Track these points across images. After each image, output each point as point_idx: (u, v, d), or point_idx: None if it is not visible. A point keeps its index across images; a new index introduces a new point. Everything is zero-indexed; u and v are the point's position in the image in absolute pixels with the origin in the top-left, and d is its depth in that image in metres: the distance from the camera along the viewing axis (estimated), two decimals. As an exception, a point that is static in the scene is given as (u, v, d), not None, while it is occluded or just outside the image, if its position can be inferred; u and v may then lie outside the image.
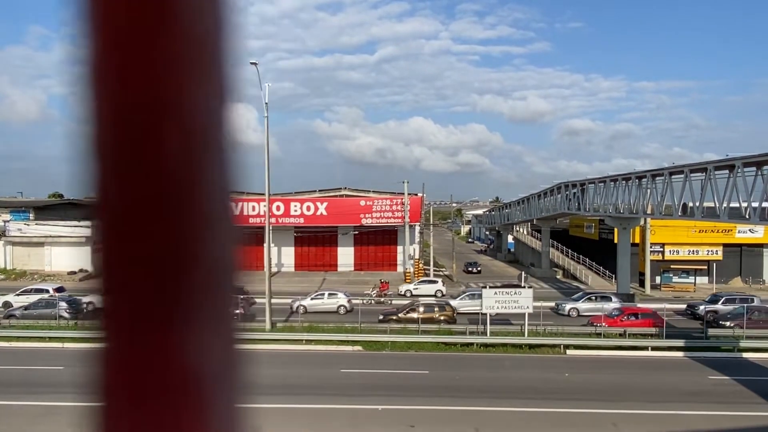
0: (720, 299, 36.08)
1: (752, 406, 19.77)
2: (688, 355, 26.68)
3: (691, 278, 49.83)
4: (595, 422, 18.19)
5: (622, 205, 39.74)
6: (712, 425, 18.20)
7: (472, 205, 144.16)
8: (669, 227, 48.66)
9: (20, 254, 54.63)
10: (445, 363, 25.35)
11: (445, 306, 32.88)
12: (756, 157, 25.87)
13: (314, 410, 19.05)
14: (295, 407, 19.21)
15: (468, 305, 35.90)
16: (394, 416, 18.48)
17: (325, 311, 34.30)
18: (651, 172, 35.84)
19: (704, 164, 30.08)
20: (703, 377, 23.46)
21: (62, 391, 20.15)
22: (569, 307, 36.38)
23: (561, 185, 51.28)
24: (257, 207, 53.65)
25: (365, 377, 23.09)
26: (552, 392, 21.30)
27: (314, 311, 34.04)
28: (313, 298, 36.68)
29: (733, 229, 49.27)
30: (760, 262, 51.91)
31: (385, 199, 53.93)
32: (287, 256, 58.33)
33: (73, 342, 27.45)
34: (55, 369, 22.44)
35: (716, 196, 28.93)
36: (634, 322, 30.20)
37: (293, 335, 28.73)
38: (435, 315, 31.80)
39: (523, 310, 28.57)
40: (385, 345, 27.67)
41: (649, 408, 19.47)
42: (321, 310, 34.93)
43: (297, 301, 36.80)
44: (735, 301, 35.65)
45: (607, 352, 27.22)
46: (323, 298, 36.59)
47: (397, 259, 57.92)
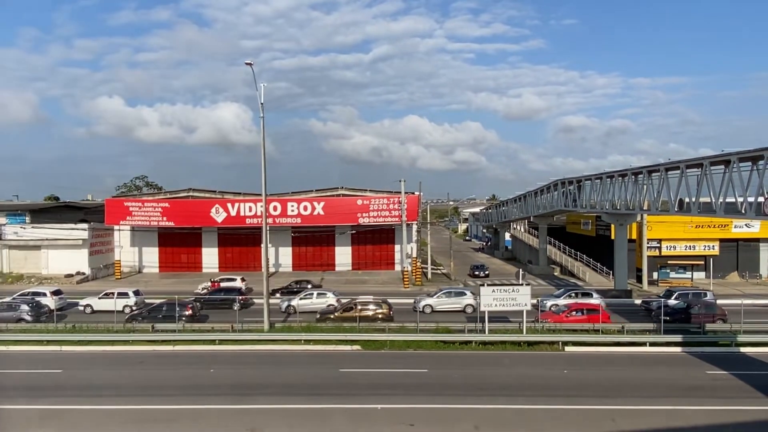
0: (673, 294, 36.31)
1: (750, 401, 19.86)
2: (686, 350, 26.75)
3: (689, 273, 49.98)
4: (593, 418, 18.23)
5: (619, 201, 39.79)
6: (710, 420, 18.26)
7: (469, 203, 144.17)
8: (665, 223, 48.77)
9: (17, 257, 54.47)
10: (444, 361, 25.38)
11: (382, 304, 32.94)
12: (751, 152, 25.94)
13: (314, 410, 19.05)
14: (295, 407, 19.22)
15: (444, 303, 36.11)
16: (394, 415, 18.50)
17: (314, 311, 34.28)
18: (647, 168, 35.89)
19: (700, 160, 30.11)
20: (701, 372, 23.53)
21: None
22: (550, 303, 36.52)
23: (557, 182, 51.34)
24: (254, 207, 53.67)
25: (364, 376, 23.10)
26: (551, 389, 21.35)
27: (303, 311, 33.95)
28: (302, 298, 36.65)
29: (729, 224, 49.45)
30: (757, 256, 52.07)
31: (382, 198, 53.91)
32: (285, 256, 58.32)
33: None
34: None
35: (712, 191, 28.98)
36: (579, 318, 30.40)
37: (292, 335, 28.69)
38: (371, 313, 31.98)
39: (521, 307, 28.61)
40: (383, 344, 27.66)
41: (648, 403, 19.54)
42: (310, 309, 34.83)
43: (285, 302, 36.79)
44: (688, 296, 35.97)
45: (606, 348, 27.26)
46: (312, 298, 36.57)
47: (394, 258, 57.97)
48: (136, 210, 54.74)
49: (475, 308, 36.28)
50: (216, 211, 54.17)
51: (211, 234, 57.76)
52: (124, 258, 55.47)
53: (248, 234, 55.20)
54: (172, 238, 57.58)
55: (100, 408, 19.30)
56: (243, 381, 22.41)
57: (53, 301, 35.57)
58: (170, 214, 54.54)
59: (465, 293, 37.93)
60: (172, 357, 26.56)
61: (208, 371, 23.79)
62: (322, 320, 31.58)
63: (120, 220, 55.02)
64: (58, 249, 53.77)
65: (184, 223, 54.93)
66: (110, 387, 21.71)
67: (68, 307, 36.53)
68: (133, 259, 57.45)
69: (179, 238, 57.46)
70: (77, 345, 27.96)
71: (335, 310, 32.89)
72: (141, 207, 54.98)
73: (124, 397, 20.29)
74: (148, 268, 58.06)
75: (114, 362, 25.66)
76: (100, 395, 20.63)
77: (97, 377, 23.31)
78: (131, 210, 54.74)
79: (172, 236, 57.42)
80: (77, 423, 18.10)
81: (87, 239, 54.11)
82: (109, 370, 24.45)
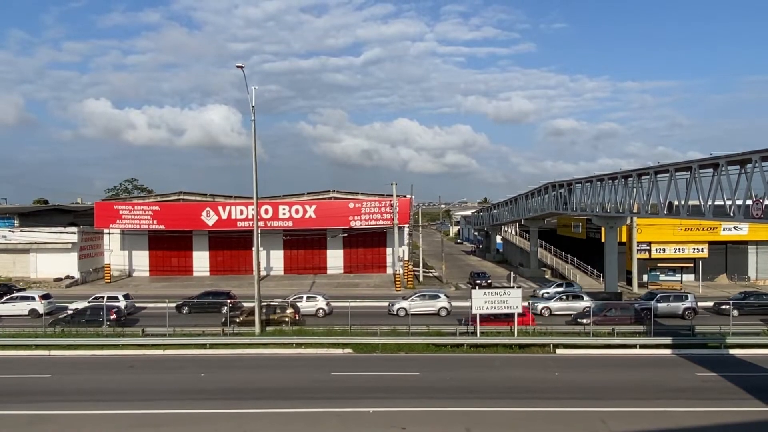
0: (655, 296, 36.44)
1: (739, 402, 20.01)
2: (676, 352, 26.92)
3: (678, 276, 50.33)
4: (584, 420, 18.29)
5: (609, 204, 40.03)
6: (700, 421, 18.39)
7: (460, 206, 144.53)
8: (655, 226, 49.12)
9: (5, 261, 53.94)
10: (436, 364, 25.37)
11: (287, 307, 32.84)
12: (739, 156, 26.18)
13: (305, 414, 18.98)
14: (287, 411, 19.15)
15: (418, 306, 36.21)
16: (386, 418, 18.47)
17: (304, 314, 34.21)
18: (637, 171, 36.14)
19: (689, 163, 30.36)
20: (690, 374, 23.68)
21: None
22: (541, 306, 36.73)
23: (548, 185, 51.56)
24: (245, 210, 53.47)
25: (356, 380, 23.06)
26: (542, 391, 21.41)
27: None
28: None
29: (718, 227, 49.86)
30: (745, 259, 52.54)
31: (374, 201, 53.92)
32: (276, 260, 58.14)
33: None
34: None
35: (701, 194, 29.23)
36: (495, 321, 30.29)
37: (283, 339, 28.60)
38: (275, 317, 31.87)
39: (513, 310, 28.70)
40: (375, 347, 27.64)
41: (638, 405, 19.65)
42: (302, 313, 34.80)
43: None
44: (669, 298, 36.22)
45: (597, 350, 27.38)
46: (302, 302, 36.49)
47: (386, 261, 57.94)
48: (126, 213, 54.38)
49: (449, 311, 36.55)
50: (207, 214, 53.92)
51: (202, 237, 57.48)
52: (114, 261, 55.08)
53: (239, 237, 54.99)
54: (163, 241, 57.27)
55: (90, 413, 19.14)
56: (234, 385, 22.30)
57: (42, 305, 35.25)
58: (161, 218, 54.22)
59: (439, 296, 38.18)
60: (162, 361, 26.39)
61: (199, 375, 23.66)
62: (227, 323, 30.95)
63: (110, 223, 54.62)
64: (47, 252, 53.35)
65: (175, 227, 54.61)
66: (100, 392, 21.54)
67: (57, 311, 36.17)
68: (123, 263, 57.05)
69: (170, 241, 57.15)
70: (66, 349, 27.73)
71: (242, 314, 32.77)
72: (131, 210, 54.62)
73: (114, 402, 20.13)
74: (139, 272, 57.67)
75: (104, 367, 25.46)
76: (89, 400, 20.45)
77: (87, 382, 23.13)
78: (121, 213, 54.37)
79: (163, 239, 57.11)
80: (66, 428, 17.93)
81: (76, 243, 53.67)
82: (99, 374, 24.26)
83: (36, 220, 57.83)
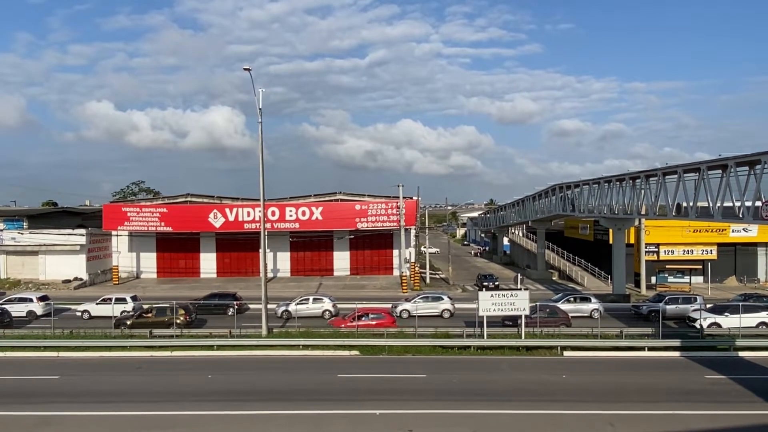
0: (663, 299, 36.24)
1: (749, 405, 19.83)
2: (685, 354, 26.74)
3: (687, 278, 49.99)
4: (592, 423, 18.18)
5: (617, 206, 39.88)
6: (709, 424, 18.23)
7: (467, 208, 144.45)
8: (663, 227, 48.89)
9: (14, 263, 54.35)
10: (443, 366, 25.31)
11: (180, 309, 32.64)
12: (748, 157, 26.03)
13: (313, 416, 18.98)
14: (294, 413, 19.15)
15: (422, 308, 36.18)
16: (393, 420, 18.44)
17: (310, 316, 34.25)
18: (644, 172, 35.99)
19: (697, 164, 30.20)
20: (699, 377, 23.51)
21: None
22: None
23: (555, 187, 51.43)
24: (252, 212, 53.66)
25: (363, 382, 23.04)
26: (549, 394, 21.30)
27: (299, 316, 34.02)
28: (298, 304, 36.65)
29: (727, 229, 49.54)
30: (755, 260, 52.20)
31: (380, 202, 53.94)
32: (283, 262, 58.27)
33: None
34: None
35: (710, 195, 29.07)
36: (365, 323, 30.61)
37: (290, 341, 28.63)
38: (166, 319, 31.77)
39: (520, 312, 28.59)
40: (382, 349, 27.62)
41: (646, 408, 19.51)
42: (306, 315, 34.97)
43: (281, 307, 36.75)
44: (678, 300, 35.97)
45: (604, 353, 27.25)
46: (308, 303, 36.58)
47: (393, 263, 57.94)
48: (134, 215, 54.70)
49: (452, 313, 36.49)
50: (214, 216, 54.14)
51: (209, 239, 57.69)
52: (121, 263, 55.38)
53: (246, 239, 55.17)
54: (170, 243, 57.51)
55: (98, 414, 19.20)
56: (241, 387, 22.33)
57: (39, 306, 35.42)
58: (168, 220, 54.49)
59: (442, 298, 38.17)
60: (169, 363, 26.48)
61: (206, 377, 23.71)
62: (118, 326, 31.09)
63: (118, 225, 54.96)
64: (55, 254, 53.66)
65: (182, 229, 54.87)
66: (108, 393, 21.62)
67: (55, 313, 36.18)
68: (131, 265, 57.35)
69: (177, 243, 57.39)
70: (74, 351, 27.87)
71: (130, 317, 32.88)
72: (139, 212, 54.93)
73: (122, 403, 20.20)
74: (146, 274, 57.94)
75: (111, 368, 25.56)
76: (97, 401, 20.53)
77: (95, 383, 23.22)
78: (129, 215, 54.70)
79: (170, 242, 57.35)
80: (74, 429, 18.01)
81: (85, 245, 53.99)
82: (107, 376, 24.35)
83: (45, 223, 58.18)
